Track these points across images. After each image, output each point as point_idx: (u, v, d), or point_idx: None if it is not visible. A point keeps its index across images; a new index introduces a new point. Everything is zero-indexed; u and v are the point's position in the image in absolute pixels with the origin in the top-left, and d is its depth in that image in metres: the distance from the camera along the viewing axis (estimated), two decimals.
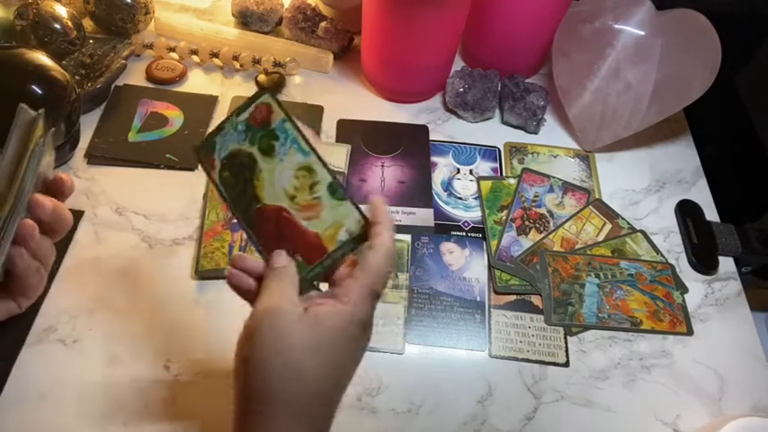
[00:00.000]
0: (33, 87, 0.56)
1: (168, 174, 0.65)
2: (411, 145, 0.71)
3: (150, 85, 0.73)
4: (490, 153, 0.71)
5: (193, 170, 0.65)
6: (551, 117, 0.76)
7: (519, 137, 0.74)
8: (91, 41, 0.74)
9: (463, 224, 0.64)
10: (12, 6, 0.69)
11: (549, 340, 0.56)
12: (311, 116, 0.72)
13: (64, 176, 0.44)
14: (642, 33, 0.67)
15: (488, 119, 0.75)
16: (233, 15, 0.80)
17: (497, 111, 0.76)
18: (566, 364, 0.55)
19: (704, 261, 0.63)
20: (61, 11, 0.69)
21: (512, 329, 0.57)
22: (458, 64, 0.78)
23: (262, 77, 0.75)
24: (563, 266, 0.60)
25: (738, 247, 0.64)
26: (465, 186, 0.68)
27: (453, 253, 0.62)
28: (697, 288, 0.62)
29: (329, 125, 0.72)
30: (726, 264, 0.64)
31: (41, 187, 0.43)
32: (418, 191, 0.66)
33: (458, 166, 0.70)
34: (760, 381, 0.56)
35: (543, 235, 0.63)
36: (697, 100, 0.64)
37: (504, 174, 0.69)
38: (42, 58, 0.58)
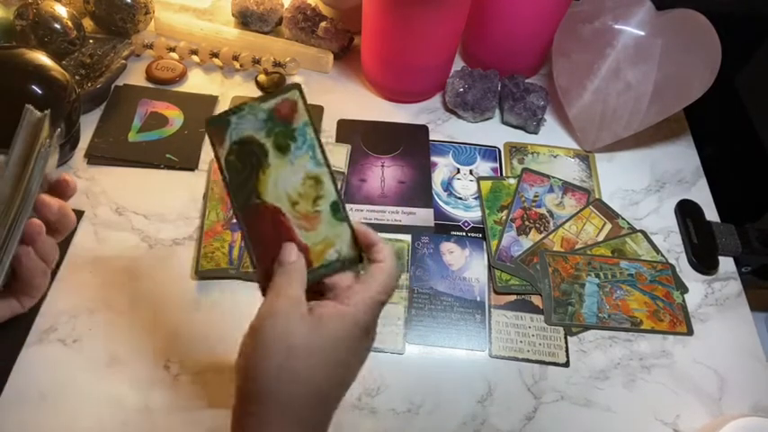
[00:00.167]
0: (33, 87, 0.56)
1: (168, 174, 0.65)
2: (411, 145, 0.71)
3: (150, 85, 0.73)
4: (490, 153, 0.71)
5: (193, 170, 0.65)
6: (551, 117, 0.76)
7: (519, 137, 0.74)
8: (91, 41, 0.74)
9: (463, 224, 0.64)
10: (12, 6, 0.69)
11: (549, 340, 0.56)
12: (311, 116, 0.71)
13: (67, 177, 0.45)
14: (642, 33, 0.67)
15: (488, 119, 0.75)
16: (233, 15, 0.80)
17: (497, 111, 0.76)
18: (566, 364, 0.55)
19: (704, 261, 0.63)
20: (61, 11, 0.69)
21: (512, 329, 0.57)
22: (458, 64, 0.78)
23: (262, 77, 0.75)
24: (563, 266, 0.61)
25: (738, 247, 0.64)
26: (465, 186, 0.68)
27: (453, 253, 0.62)
28: (697, 288, 0.62)
29: (329, 125, 0.72)
30: (726, 264, 0.64)
31: (45, 188, 0.43)
32: (418, 191, 0.66)
33: (458, 166, 0.70)
34: (760, 381, 0.56)
35: (543, 235, 0.63)
36: (697, 100, 0.64)
37: (504, 174, 0.69)
38: (42, 58, 0.58)
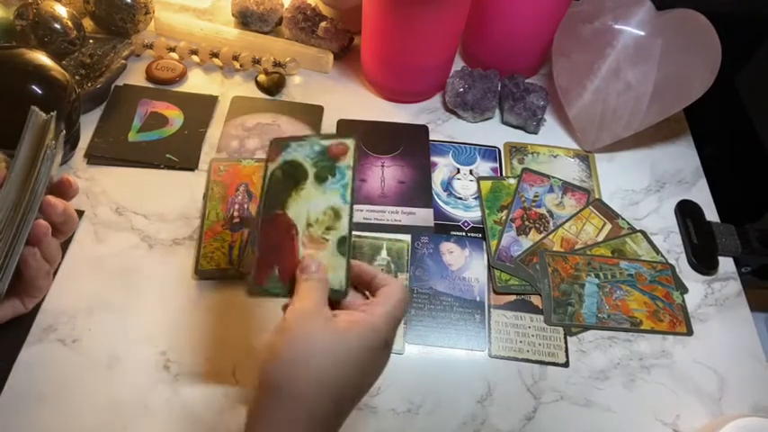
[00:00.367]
0: (33, 87, 0.56)
1: (168, 174, 0.65)
2: (411, 145, 0.71)
3: (150, 85, 0.73)
4: (490, 153, 0.71)
5: (193, 170, 0.65)
6: (551, 117, 0.76)
7: (519, 137, 0.74)
8: (91, 41, 0.74)
9: (463, 224, 0.64)
10: (12, 6, 0.69)
11: (549, 340, 0.56)
12: (311, 116, 0.72)
13: (70, 178, 0.45)
14: (642, 33, 0.67)
15: (488, 119, 0.75)
16: (233, 15, 0.80)
17: (497, 111, 0.76)
18: (565, 365, 0.55)
19: (704, 261, 0.63)
20: (61, 11, 0.69)
21: (511, 329, 0.57)
22: (458, 64, 0.78)
23: (262, 77, 0.75)
24: (563, 266, 0.61)
25: (738, 248, 0.64)
26: (465, 186, 0.68)
27: (453, 253, 0.62)
28: (697, 288, 0.62)
29: (329, 125, 0.71)
30: (726, 264, 0.64)
31: (47, 189, 0.43)
32: (418, 191, 0.66)
33: (458, 166, 0.70)
34: (760, 381, 0.56)
35: (543, 235, 0.63)
36: (697, 100, 0.64)
37: (503, 174, 0.70)
38: (42, 58, 0.58)
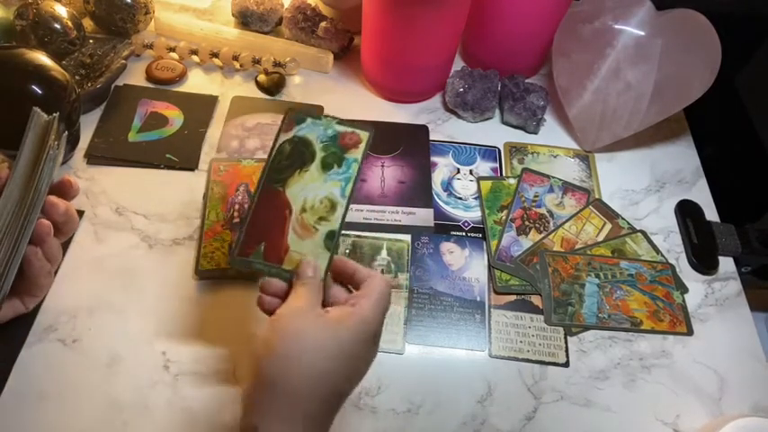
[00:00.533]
0: (33, 87, 0.56)
1: (168, 174, 0.65)
2: (411, 145, 0.71)
3: (150, 85, 0.73)
4: (490, 153, 0.71)
5: (193, 170, 0.65)
6: (551, 117, 0.76)
7: (519, 137, 0.74)
8: (91, 41, 0.74)
9: (463, 224, 0.64)
10: (12, 6, 0.69)
11: (549, 340, 0.56)
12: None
13: (70, 178, 0.45)
14: (642, 33, 0.67)
15: (488, 119, 0.75)
16: (233, 15, 0.80)
17: (497, 111, 0.76)
18: (566, 365, 0.55)
19: (704, 261, 0.63)
20: (61, 11, 0.69)
21: (512, 329, 0.57)
22: (458, 64, 0.78)
23: (262, 77, 0.75)
24: (563, 266, 0.61)
25: (738, 247, 0.64)
26: (465, 186, 0.68)
27: (453, 253, 0.62)
28: (697, 288, 0.62)
29: None
30: (726, 264, 0.64)
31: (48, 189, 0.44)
32: (418, 191, 0.66)
33: (458, 166, 0.70)
34: (760, 381, 0.56)
35: (543, 235, 0.63)
36: (697, 100, 0.64)
37: (504, 174, 0.69)
38: (42, 58, 0.58)
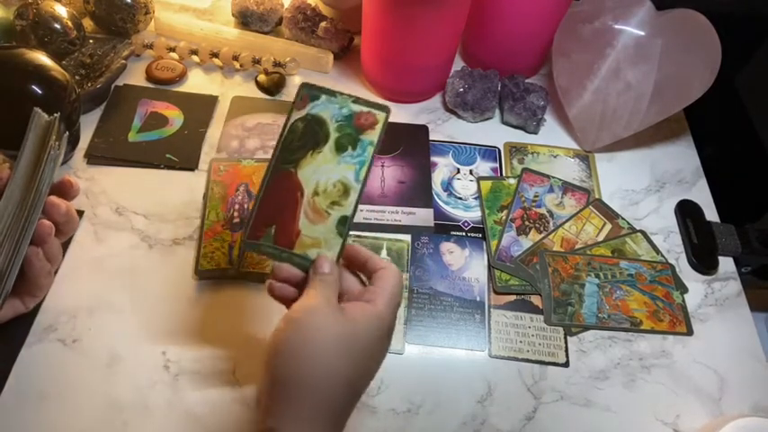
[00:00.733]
0: (33, 87, 0.56)
1: (168, 174, 0.65)
2: (411, 145, 0.71)
3: (150, 85, 0.73)
4: (490, 153, 0.71)
5: (193, 170, 0.65)
6: (551, 117, 0.76)
7: (519, 137, 0.74)
8: (91, 41, 0.74)
9: (463, 224, 0.64)
10: (12, 6, 0.69)
11: (549, 340, 0.56)
12: None
13: (71, 179, 0.45)
14: (642, 33, 0.67)
15: (488, 119, 0.75)
16: (233, 15, 0.80)
17: (497, 111, 0.76)
18: (566, 364, 0.55)
19: (704, 261, 0.63)
20: (61, 11, 0.69)
21: (511, 329, 0.57)
22: (458, 64, 0.78)
23: (262, 77, 0.75)
24: (563, 266, 0.61)
25: (738, 247, 0.64)
26: (465, 186, 0.68)
27: (453, 253, 0.62)
28: (697, 288, 0.62)
29: None
30: (726, 264, 0.64)
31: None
32: (418, 191, 0.66)
33: (458, 166, 0.70)
34: (760, 381, 0.56)
35: (543, 235, 0.63)
36: (697, 100, 0.64)
37: (504, 174, 0.70)
38: (42, 58, 0.58)
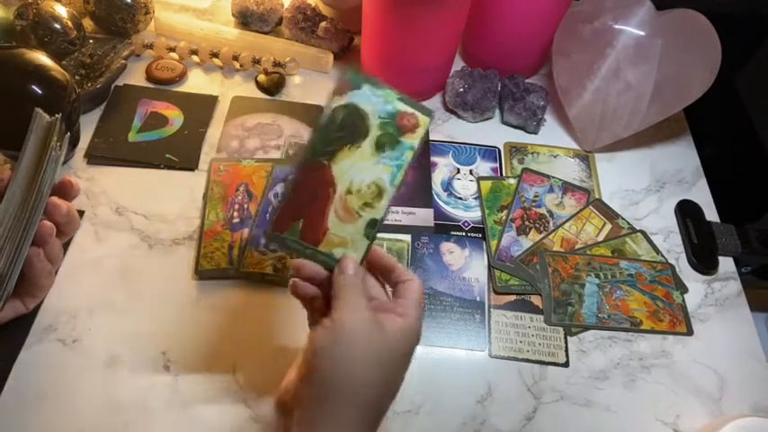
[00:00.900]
0: (33, 87, 0.56)
1: (168, 174, 0.65)
2: None
3: (150, 85, 0.73)
4: (490, 153, 0.71)
5: (193, 170, 0.65)
6: (551, 117, 0.76)
7: (519, 137, 0.74)
8: (91, 41, 0.74)
9: (463, 224, 0.64)
10: (12, 6, 0.69)
11: (549, 340, 0.56)
12: (311, 116, 0.72)
13: (71, 179, 0.45)
14: (642, 33, 0.67)
15: (488, 119, 0.75)
16: (233, 15, 0.80)
17: (497, 111, 0.76)
18: (566, 364, 0.55)
19: (704, 261, 0.63)
20: (61, 11, 0.69)
21: (512, 329, 0.57)
22: (458, 64, 0.78)
23: (262, 77, 0.75)
24: (563, 266, 0.60)
25: (738, 247, 0.64)
26: (465, 186, 0.68)
27: (453, 253, 0.62)
28: (697, 288, 0.62)
29: None
30: (726, 264, 0.64)
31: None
32: (418, 191, 0.66)
33: (458, 166, 0.70)
34: (760, 381, 0.56)
35: (543, 235, 0.63)
36: (697, 100, 0.64)
37: (504, 174, 0.69)
38: (42, 58, 0.58)
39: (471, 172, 0.69)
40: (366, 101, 0.40)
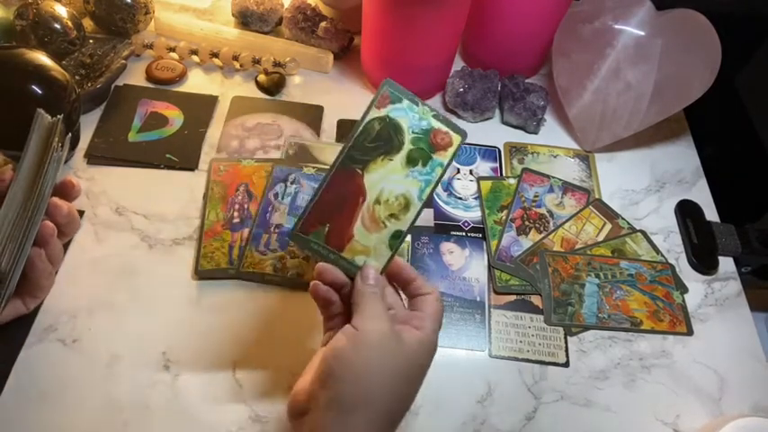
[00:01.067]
0: (33, 87, 0.56)
1: (168, 174, 0.65)
2: None
3: (150, 85, 0.73)
4: (490, 153, 0.71)
5: (193, 170, 0.65)
6: (551, 117, 0.76)
7: (519, 137, 0.74)
8: (91, 41, 0.74)
9: (463, 224, 0.64)
10: (12, 6, 0.69)
11: (549, 340, 0.56)
12: (311, 116, 0.72)
13: (72, 179, 0.45)
14: (642, 33, 0.67)
15: (488, 119, 0.75)
16: (233, 15, 0.80)
17: (497, 111, 0.76)
18: (566, 364, 0.55)
19: (704, 261, 0.63)
20: (61, 11, 0.69)
21: (512, 329, 0.57)
22: (458, 64, 0.78)
23: (262, 77, 0.75)
24: (563, 266, 0.60)
25: (738, 247, 0.64)
26: (465, 186, 0.68)
27: (453, 253, 0.62)
28: (697, 288, 0.62)
29: (329, 125, 0.71)
30: (726, 264, 0.64)
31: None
32: None
33: (458, 166, 0.70)
34: (760, 381, 0.56)
35: (543, 235, 0.63)
36: (697, 100, 0.64)
37: (504, 174, 0.69)
38: (42, 58, 0.58)
39: (471, 172, 0.69)
40: (402, 115, 0.41)
